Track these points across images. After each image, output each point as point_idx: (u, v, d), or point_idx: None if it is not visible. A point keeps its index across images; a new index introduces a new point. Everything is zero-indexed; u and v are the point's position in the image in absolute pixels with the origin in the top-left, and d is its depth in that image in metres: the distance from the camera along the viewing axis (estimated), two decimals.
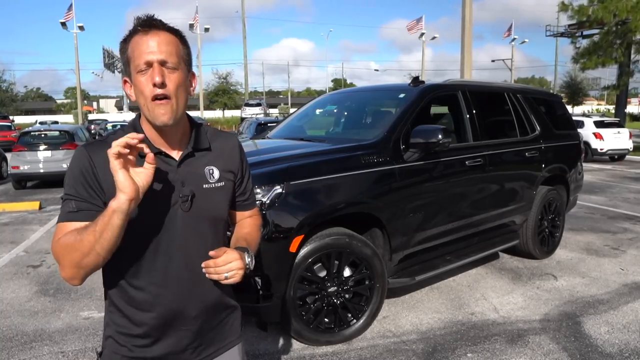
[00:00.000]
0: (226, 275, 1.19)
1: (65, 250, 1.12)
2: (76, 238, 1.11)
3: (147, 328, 1.26)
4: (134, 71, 1.19)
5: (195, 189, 1.27)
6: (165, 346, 1.29)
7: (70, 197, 1.19)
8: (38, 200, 8.92)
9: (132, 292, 1.25)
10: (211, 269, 1.20)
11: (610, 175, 12.42)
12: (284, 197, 2.89)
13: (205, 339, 1.34)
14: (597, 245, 5.59)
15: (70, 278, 1.14)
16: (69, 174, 1.21)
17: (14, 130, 23.49)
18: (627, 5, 17.92)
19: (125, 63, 1.23)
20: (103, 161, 1.16)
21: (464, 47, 18.66)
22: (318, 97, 5.48)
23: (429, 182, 3.69)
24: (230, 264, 1.20)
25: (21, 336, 3.44)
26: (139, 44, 1.18)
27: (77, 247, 1.10)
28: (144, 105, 1.20)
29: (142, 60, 1.17)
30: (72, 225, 1.16)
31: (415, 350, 3.13)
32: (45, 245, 5.93)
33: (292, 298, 2.99)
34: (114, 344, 1.28)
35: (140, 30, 1.19)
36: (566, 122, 5.59)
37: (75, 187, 1.19)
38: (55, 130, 11.73)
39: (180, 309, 1.27)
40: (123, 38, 1.22)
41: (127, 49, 1.21)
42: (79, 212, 1.17)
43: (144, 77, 1.18)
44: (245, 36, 42.21)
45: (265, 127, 11.26)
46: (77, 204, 1.17)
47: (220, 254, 1.20)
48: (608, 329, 3.41)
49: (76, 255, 1.10)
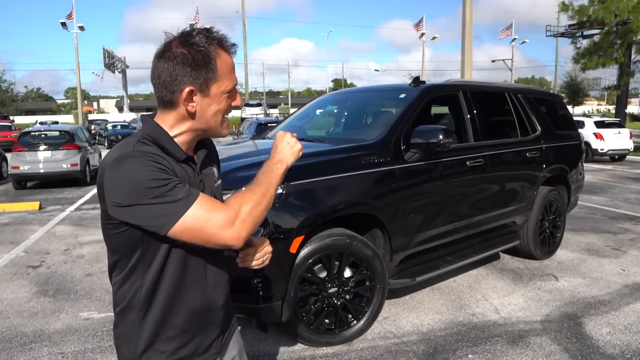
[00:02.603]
0: (263, 259, 1.34)
1: (248, 208, 1.16)
2: (254, 196, 1.18)
3: (186, 326, 1.26)
4: (218, 88, 1.21)
5: (212, 188, 1.34)
6: (200, 340, 1.29)
7: (167, 183, 1.10)
8: (38, 200, 8.91)
9: (176, 295, 1.23)
10: (250, 257, 1.32)
11: (611, 175, 12.40)
12: (284, 198, 2.88)
13: (225, 325, 1.39)
14: (598, 246, 5.58)
15: (244, 239, 1.16)
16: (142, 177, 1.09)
17: (14, 130, 23.49)
18: (628, 6, 17.92)
19: (209, 76, 1.18)
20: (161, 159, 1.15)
21: (464, 47, 18.65)
22: (318, 98, 5.47)
23: (429, 183, 3.68)
24: (265, 249, 1.35)
25: (20, 337, 3.43)
26: (229, 64, 1.23)
27: (260, 201, 1.18)
28: (214, 120, 1.25)
29: (232, 84, 1.24)
30: (201, 201, 1.12)
31: (416, 352, 3.12)
32: (45, 246, 5.92)
33: (293, 299, 2.97)
34: (155, 354, 1.24)
35: (229, 50, 1.24)
36: (567, 122, 5.57)
37: (163, 178, 1.10)
38: (55, 131, 11.72)
39: (212, 300, 1.31)
40: (206, 47, 1.17)
41: (216, 64, 1.18)
42: (191, 190, 1.13)
43: (230, 98, 1.25)
44: (246, 36, 42.24)
45: (265, 128, 11.27)
46: (182, 187, 1.12)
47: (254, 242, 1.33)
48: (609, 330, 3.40)
49: (258, 210, 1.18)
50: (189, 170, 1.26)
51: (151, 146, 1.18)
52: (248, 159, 3.39)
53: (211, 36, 1.20)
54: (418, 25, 46.32)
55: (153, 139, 1.20)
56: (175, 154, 1.22)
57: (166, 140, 1.21)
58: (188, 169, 1.25)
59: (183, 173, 1.22)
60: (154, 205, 1.09)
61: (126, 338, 1.24)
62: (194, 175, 1.27)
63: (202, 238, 1.13)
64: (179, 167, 1.21)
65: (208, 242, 1.14)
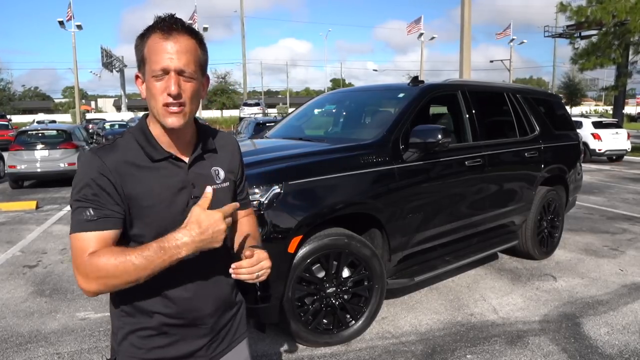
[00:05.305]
0: (258, 274, 1.22)
1: (101, 273, 1.09)
2: (118, 265, 1.08)
3: (166, 327, 1.25)
4: (148, 73, 1.16)
5: (204, 189, 1.27)
6: (183, 345, 1.28)
7: (85, 204, 1.14)
8: (35, 199, 8.87)
9: (150, 293, 1.23)
10: (244, 270, 1.20)
11: (609, 175, 12.43)
12: (282, 197, 2.87)
13: (219, 335, 1.35)
14: (596, 246, 5.58)
15: (93, 293, 1.13)
16: (80, 180, 1.16)
17: (11, 129, 23.40)
18: (626, 6, 17.94)
19: (140, 61, 1.18)
20: (118, 166, 1.17)
21: (462, 47, 18.67)
22: (317, 97, 5.45)
23: (428, 182, 3.67)
24: (262, 263, 1.23)
25: (16, 337, 3.41)
26: (158, 46, 1.13)
27: (118, 274, 1.09)
28: (154, 109, 1.18)
29: (159, 66, 1.13)
30: (89, 236, 1.12)
31: (415, 352, 3.11)
32: (42, 245, 5.90)
33: (291, 299, 2.96)
34: (130, 347, 1.26)
35: (160, 32, 1.14)
36: (565, 122, 5.57)
37: (89, 193, 1.14)
38: (52, 130, 11.66)
39: (197, 307, 1.28)
40: (140, 33, 1.18)
41: (144, 48, 1.16)
42: (98, 221, 1.13)
43: (159, 83, 1.14)
44: (244, 35, 42.21)
45: (263, 127, 11.24)
46: (96, 212, 1.13)
47: (253, 254, 1.21)
48: (608, 330, 3.40)
49: (114, 281, 1.10)
50: (171, 170, 1.23)
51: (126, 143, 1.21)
52: (246, 159, 3.36)
53: (154, 20, 1.18)
54: (413, 25, 45.87)
55: (134, 136, 1.23)
56: (150, 154, 1.21)
57: (142, 139, 1.22)
58: (168, 168, 1.22)
59: (147, 176, 1.19)
60: (73, 204, 1.17)
61: (113, 327, 1.30)
62: (179, 175, 1.23)
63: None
64: (146, 171, 1.19)
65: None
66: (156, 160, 1.21)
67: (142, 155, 1.21)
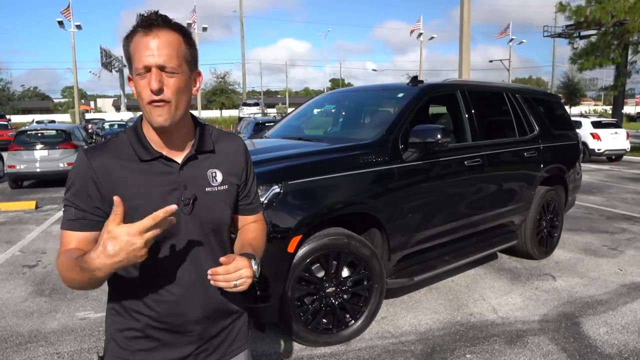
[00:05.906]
0: (235, 284, 1.14)
1: (63, 270, 1.12)
2: (68, 267, 1.09)
3: (150, 330, 1.23)
4: (134, 72, 1.16)
5: (197, 192, 1.24)
6: (168, 351, 1.25)
7: (70, 203, 1.19)
8: (34, 199, 8.87)
9: (137, 294, 1.23)
10: (220, 277, 1.13)
11: (608, 175, 12.44)
12: (281, 197, 2.87)
13: (209, 345, 1.30)
14: (595, 246, 5.59)
15: (69, 286, 1.15)
16: (70, 179, 1.20)
17: (11, 129, 23.39)
18: (625, 6, 17.95)
19: (128, 61, 1.19)
20: (104, 167, 1.17)
21: (462, 47, 18.68)
22: (316, 97, 5.46)
23: (427, 182, 3.68)
24: (240, 272, 1.14)
25: (16, 337, 3.41)
26: (139, 44, 1.13)
27: (68, 277, 1.10)
28: (142, 107, 1.18)
29: (141, 64, 1.12)
30: (71, 235, 1.17)
31: (414, 351, 3.11)
32: (42, 245, 5.89)
33: (290, 299, 2.96)
34: (116, 347, 1.25)
35: (141, 30, 1.13)
36: (565, 122, 5.58)
37: (74, 195, 1.19)
38: (52, 130, 11.65)
39: (183, 312, 1.24)
40: (126, 34, 1.18)
41: (129, 48, 1.16)
42: (76, 221, 1.17)
43: (143, 81, 1.13)
44: (243, 35, 42.22)
45: (263, 127, 11.24)
46: (76, 213, 1.17)
47: (230, 261, 1.14)
48: (607, 329, 3.40)
49: (73, 281, 1.11)
50: (161, 171, 1.21)
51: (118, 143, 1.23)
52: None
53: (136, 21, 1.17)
54: (414, 30, 46.27)
55: (127, 136, 1.24)
56: (140, 154, 1.21)
57: (134, 139, 1.23)
58: (158, 169, 1.21)
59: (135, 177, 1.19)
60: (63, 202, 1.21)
61: (105, 324, 1.31)
62: (170, 176, 1.21)
63: None
64: (135, 172, 1.19)
65: None
66: (145, 160, 1.19)
67: (132, 155, 1.21)
